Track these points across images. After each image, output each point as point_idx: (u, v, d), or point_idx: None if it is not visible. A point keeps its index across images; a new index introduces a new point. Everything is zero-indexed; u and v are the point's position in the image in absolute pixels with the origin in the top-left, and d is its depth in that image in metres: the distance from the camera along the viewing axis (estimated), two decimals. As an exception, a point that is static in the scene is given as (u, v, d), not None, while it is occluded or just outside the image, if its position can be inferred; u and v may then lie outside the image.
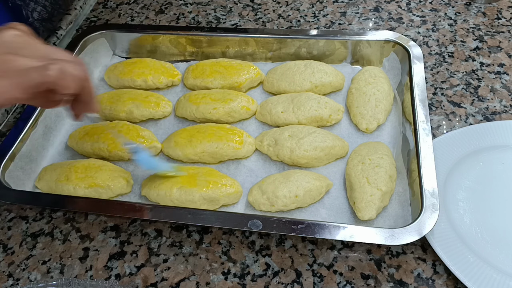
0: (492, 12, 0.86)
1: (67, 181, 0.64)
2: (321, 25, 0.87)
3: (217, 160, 0.67)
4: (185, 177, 0.62)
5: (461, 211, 0.58)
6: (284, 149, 0.64)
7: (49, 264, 0.59)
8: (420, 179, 0.56)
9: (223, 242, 0.59)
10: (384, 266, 0.55)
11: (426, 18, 0.86)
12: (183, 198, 0.61)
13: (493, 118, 0.69)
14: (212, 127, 0.68)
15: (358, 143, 0.67)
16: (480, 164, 0.63)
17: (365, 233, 0.53)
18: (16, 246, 0.61)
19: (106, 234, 0.61)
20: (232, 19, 0.91)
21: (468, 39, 0.81)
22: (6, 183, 0.63)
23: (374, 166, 0.60)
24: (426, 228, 0.52)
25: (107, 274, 0.57)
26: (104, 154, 0.68)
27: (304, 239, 0.58)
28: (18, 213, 0.65)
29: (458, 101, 0.72)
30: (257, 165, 0.67)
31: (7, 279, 0.58)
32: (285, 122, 0.69)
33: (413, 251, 0.56)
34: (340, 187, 0.63)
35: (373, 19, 0.87)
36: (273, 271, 0.56)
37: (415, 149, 0.60)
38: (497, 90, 0.73)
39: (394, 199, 0.60)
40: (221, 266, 0.57)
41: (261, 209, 0.61)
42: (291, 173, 0.63)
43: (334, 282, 0.54)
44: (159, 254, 0.59)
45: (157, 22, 0.93)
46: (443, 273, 0.54)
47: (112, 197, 0.64)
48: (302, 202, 0.60)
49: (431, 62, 0.78)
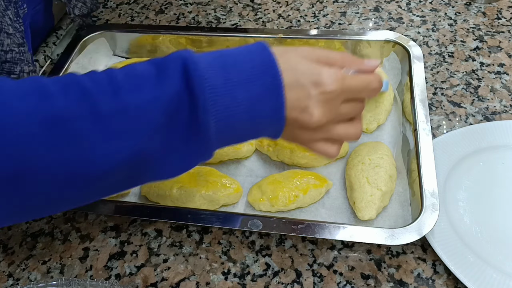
0: (492, 12, 0.86)
1: (67, 181, 0.64)
2: (321, 25, 0.87)
3: (217, 160, 0.67)
4: (185, 177, 0.62)
5: (461, 211, 0.58)
6: (284, 149, 0.64)
7: (49, 264, 0.59)
8: (420, 179, 0.56)
9: (223, 242, 0.59)
10: (384, 266, 0.55)
11: (426, 18, 0.86)
12: (183, 198, 0.61)
13: (493, 118, 0.69)
14: (212, 127, 0.68)
15: (358, 143, 0.67)
16: (480, 164, 0.63)
17: (365, 233, 0.53)
18: (16, 246, 0.61)
19: (106, 234, 0.61)
20: (232, 19, 0.91)
21: (468, 39, 0.81)
22: (6, 183, 0.63)
23: (374, 166, 0.60)
24: (426, 228, 0.52)
25: (107, 274, 0.57)
26: (104, 154, 0.68)
27: (304, 239, 0.58)
28: (18, 213, 0.65)
29: (458, 101, 0.72)
30: (257, 165, 0.67)
31: (7, 279, 0.58)
32: (285, 122, 0.69)
33: (413, 251, 0.56)
34: (340, 187, 0.63)
35: (373, 19, 0.87)
36: (273, 271, 0.56)
37: (415, 149, 0.60)
38: (497, 90, 0.73)
39: (394, 199, 0.60)
40: (221, 266, 0.57)
41: (261, 209, 0.61)
42: (291, 173, 0.63)
43: (334, 282, 0.54)
44: (159, 254, 0.59)
45: (157, 22, 0.93)
46: (443, 273, 0.54)
47: (112, 197, 0.64)
48: (302, 202, 0.60)
49: (431, 62, 0.78)
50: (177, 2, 0.97)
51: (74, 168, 0.36)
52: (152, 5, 0.97)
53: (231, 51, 0.41)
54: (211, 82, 0.38)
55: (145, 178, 0.42)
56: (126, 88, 0.37)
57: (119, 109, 0.36)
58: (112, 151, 0.36)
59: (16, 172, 0.34)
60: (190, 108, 0.38)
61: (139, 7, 0.97)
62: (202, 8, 0.95)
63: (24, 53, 0.65)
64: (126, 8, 0.97)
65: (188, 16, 0.93)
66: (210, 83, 0.38)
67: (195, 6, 0.95)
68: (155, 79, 0.38)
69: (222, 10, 0.94)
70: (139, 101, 0.37)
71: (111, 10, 0.97)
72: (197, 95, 0.37)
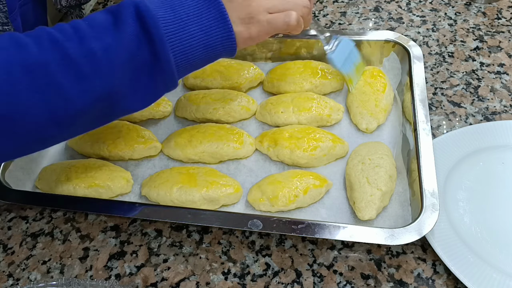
0: (492, 12, 0.86)
1: (67, 181, 0.64)
2: (321, 25, 0.87)
3: (217, 160, 0.67)
4: (185, 177, 0.62)
5: (461, 211, 0.58)
6: (284, 149, 0.64)
7: (49, 264, 0.59)
8: (420, 179, 0.56)
9: (223, 242, 0.59)
10: (384, 266, 0.55)
11: (426, 18, 0.86)
12: (183, 198, 0.61)
13: (493, 118, 0.69)
14: (212, 127, 0.68)
15: (358, 143, 0.67)
16: (480, 164, 0.63)
17: (365, 233, 0.53)
18: (16, 246, 0.61)
19: (106, 234, 0.61)
20: (232, 19, 0.91)
21: (468, 39, 0.81)
22: (6, 183, 0.63)
23: (374, 166, 0.60)
24: (426, 228, 0.52)
25: (107, 274, 0.57)
26: (104, 154, 0.68)
27: (304, 239, 0.58)
28: (18, 213, 0.65)
29: (458, 101, 0.72)
30: (257, 165, 0.67)
31: (7, 279, 0.58)
32: (285, 122, 0.69)
33: (413, 251, 0.56)
34: (340, 187, 0.63)
35: (373, 19, 0.87)
36: (273, 271, 0.56)
37: (415, 149, 0.60)
38: (497, 90, 0.73)
39: (394, 199, 0.60)
40: (221, 266, 0.57)
41: (261, 209, 0.61)
42: (291, 173, 0.63)
43: (334, 282, 0.54)
44: (159, 254, 0.59)
45: (157, 22, 0.93)
46: (443, 273, 0.54)
47: (112, 197, 0.64)
48: (302, 202, 0.60)
49: (431, 62, 0.78)
50: (177, 2, 0.97)
51: (54, 108, 0.42)
52: (152, 5, 0.97)
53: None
54: (163, 20, 0.45)
55: (119, 111, 0.48)
56: (90, 35, 0.43)
57: (87, 53, 0.42)
58: (86, 90, 0.43)
59: (4, 115, 0.40)
60: (149, 45, 0.44)
61: (139, 7, 0.97)
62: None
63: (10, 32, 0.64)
64: (126, 8, 0.97)
65: (188, 16, 0.93)
66: (162, 21, 0.44)
67: (195, 6, 0.95)
68: (113, 26, 0.44)
69: (222, 10, 0.93)
70: (103, 45, 0.43)
71: (111, 10, 0.97)
72: (153, 32, 0.44)
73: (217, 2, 0.47)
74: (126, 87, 0.46)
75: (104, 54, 0.43)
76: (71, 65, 0.41)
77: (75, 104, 0.43)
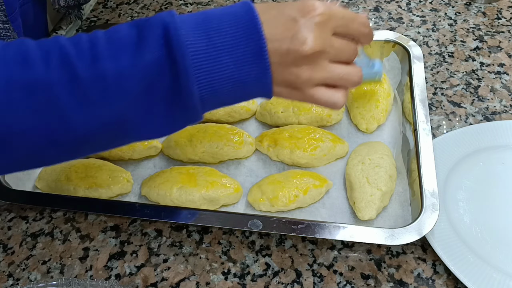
0: (492, 12, 0.86)
1: (67, 181, 0.64)
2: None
3: (217, 160, 0.67)
4: (185, 177, 0.62)
5: (461, 211, 0.58)
6: (284, 149, 0.64)
7: (49, 264, 0.59)
8: (420, 179, 0.56)
9: (223, 242, 0.59)
10: (384, 266, 0.55)
11: (426, 18, 0.86)
12: (183, 198, 0.61)
13: (493, 118, 0.69)
14: (212, 127, 0.68)
15: (358, 143, 0.67)
16: (480, 164, 0.63)
17: (365, 233, 0.53)
18: (16, 246, 0.61)
19: (106, 234, 0.61)
20: (232, 19, 0.91)
21: (468, 39, 0.81)
22: (6, 183, 0.63)
23: (374, 166, 0.60)
24: (426, 228, 0.52)
25: (107, 274, 0.57)
26: (104, 154, 0.68)
27: (304, 239, 0.58)
28: (18, 213, 0.65)
29: (458, 101, 0.72)
30: (257, 165, 0.67)
31: (7, 279, 0.58)
32: (285, 122, 0.69)
33: (413, 251, 0.56)
34: (340, 187, 0.63)
35: (373, 19, 0.87)
36: (273, 271, 0.56)
37: (415, 149, 0.60)
38: (497, 90, 0.73)
39: (394, 199, 0.61)
40: (221, 266, 0.57)
41: (261, 209, 0.61)
42: (291, 173, 0.63)
43: (334, 282, 0.54)
44: (159, 254, 0.59)
45: (157, 22, 0.93)
46: (443, 273, 0.54)
47: (112, 197, 0.64)
48: (302, 202, 0.60)
49: (431, 62, 0.78)
50: (177, 2, 0.97)
51: (53, 133, 0.39)
52: (152, 5, 0.97)
53: (215, 13, 0.40)
54: (193, 47, 0.38)
55: (128, 140, 0.44)
56: (106, 54, 0.38)
57: (97, 76, 0.37)
58: (89, 117, 0.38)
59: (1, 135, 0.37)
60: (172, 75, 0.38)
61: (139, 7, 0.97)
62: (202, 8, 0.95)
63: (10, 30, 0.64)
64: (126, 8, 0.97)
65: (188, 16, 0.93)
66: (192, 49, 0.38)
67: (195, 6, 0.95)
68: (135, 46, 0.38)
69: (222, 10, 0.93)
70: (117, 68, 0.38)
71: (111, 10, 0.97)
72: (178, 61, 0.38)
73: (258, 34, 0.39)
74: (138, 116, 0.40)
75: (115, 79, 0.38)
76: (78, 88, 0.37)
77: (78, 129, 0.39)
